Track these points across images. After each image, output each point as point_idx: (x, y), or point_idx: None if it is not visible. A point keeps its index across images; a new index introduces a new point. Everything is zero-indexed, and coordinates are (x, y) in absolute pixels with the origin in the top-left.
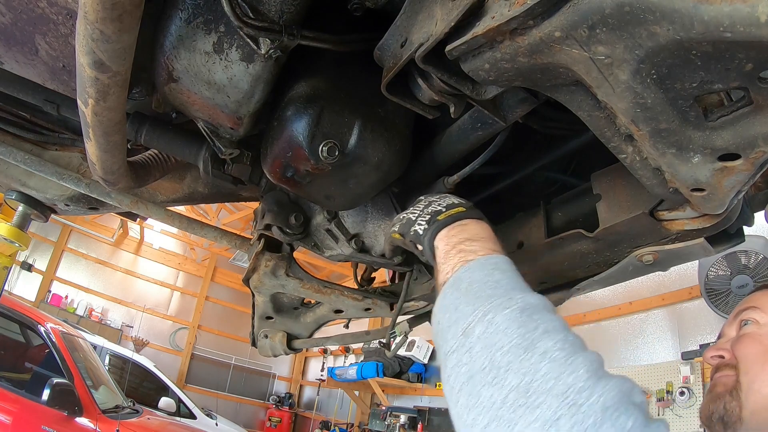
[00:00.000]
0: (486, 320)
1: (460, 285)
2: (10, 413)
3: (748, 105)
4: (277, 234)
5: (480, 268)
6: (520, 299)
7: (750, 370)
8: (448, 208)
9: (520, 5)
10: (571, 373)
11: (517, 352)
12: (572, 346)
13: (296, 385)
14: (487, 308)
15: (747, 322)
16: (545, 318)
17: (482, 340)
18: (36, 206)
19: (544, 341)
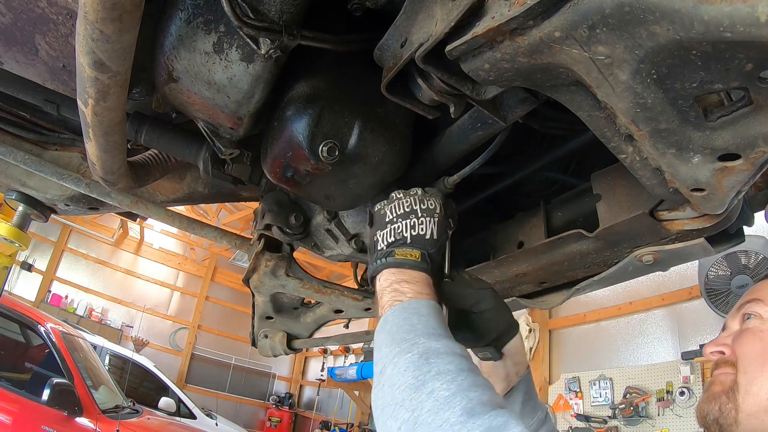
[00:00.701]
0: (393, 362)
1: (385, 326)
2: (10, 413)
3: (748, 105)
4: (277, 234)
5: (402, 312)
6: (423, 344)
7: (749, 370)
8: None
9: (520, 5)
10: (448, 410)
11: (408, 391)
12: (458, 386)
13: (296, 385)
14: (396, 352)
15: (750, 316)
16: (442, 361)
17: (389, 379)
18: (36, 206)
19: (433, 382)
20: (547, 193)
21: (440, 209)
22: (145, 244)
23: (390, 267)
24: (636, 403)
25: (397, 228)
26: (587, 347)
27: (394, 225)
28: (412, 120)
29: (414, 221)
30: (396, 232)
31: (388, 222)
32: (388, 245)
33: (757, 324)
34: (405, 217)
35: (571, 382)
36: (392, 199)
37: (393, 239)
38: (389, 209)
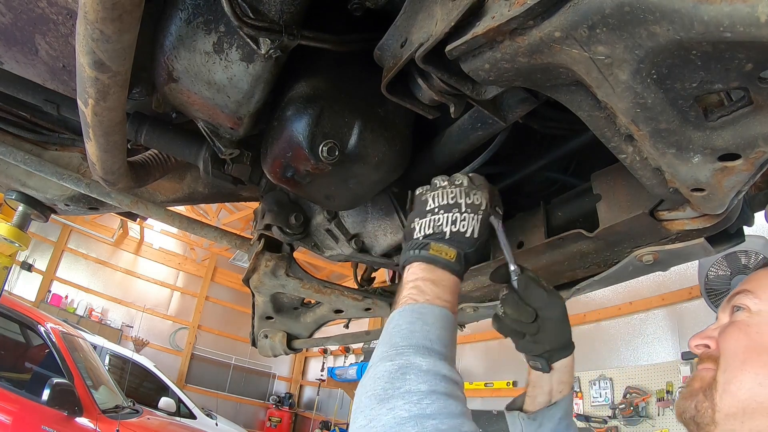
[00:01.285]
0: (375, 365)
1: (390, 323)
2: (10, 413)
3: (748, 105)
4: (277, 234)
5: (410, 314)
6: (408, 356)
7: (729, 368)
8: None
9: (520, 5)
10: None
11: (373, 400)
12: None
13: (296, 385)
14: (383, 355)
15: (739, 308)
16: (417, 379)
17: (367, 380)
18: (36, 206)
19: (397, 400)
20: (547, 193)
21: (486, 205)
22: (145, 244)
23: (421, 261)
24: (636, 403)
25: (437, 220)
26: (587, 347)
27: (434, 216)
28: (412, 120)
29: (456, 216)
30: (435, 225)
31: (429, 211)
32: (425, 236)
33: (744, 317)
34: (447, 210)
35: None
36: (435, 186)
37: (431, 231)
38: (431, 197)
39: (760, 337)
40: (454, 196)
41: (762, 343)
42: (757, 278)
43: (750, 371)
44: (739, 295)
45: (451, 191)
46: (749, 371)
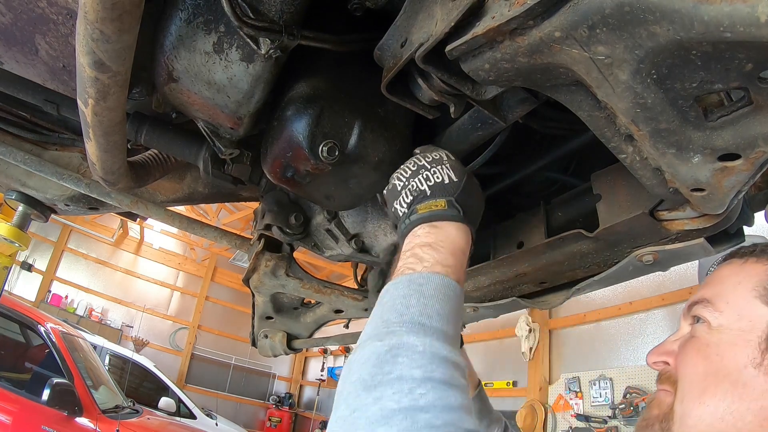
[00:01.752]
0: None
1: (383, 297)
2: (10, 413)
3: (748, 105)
4: (277, 234)
5: (405, 286)
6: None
7: (686, 397)
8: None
9: (520, 5)
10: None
11: (358, 387)
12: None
13: (296, 385)
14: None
15: (699, 320)
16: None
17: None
18: (36, 206)
19: (386, 388)
20: (547, 193)
21: (446, 157)
22: (145, 244)
23: (415, 225)
24: (636, 403)
25: (412, 187)
26: (587, 347)
27: (407, 188)
28: (412, 120)
29: (426, 174)
30: (412, 191)
31: (401, 189)
32: (408, 206)
33: (703, 334)
34: (415, 175)
35: (571, 382)
36: (395, 172)
37: (411, 198)
38: (396, 179)
39: (720, 361)
40: (414, 163)
41: (721, 368)
42: (720, 280)
43: (709, 403)
44: (699, 304)
45: (409, 163)
46: (708, 403)
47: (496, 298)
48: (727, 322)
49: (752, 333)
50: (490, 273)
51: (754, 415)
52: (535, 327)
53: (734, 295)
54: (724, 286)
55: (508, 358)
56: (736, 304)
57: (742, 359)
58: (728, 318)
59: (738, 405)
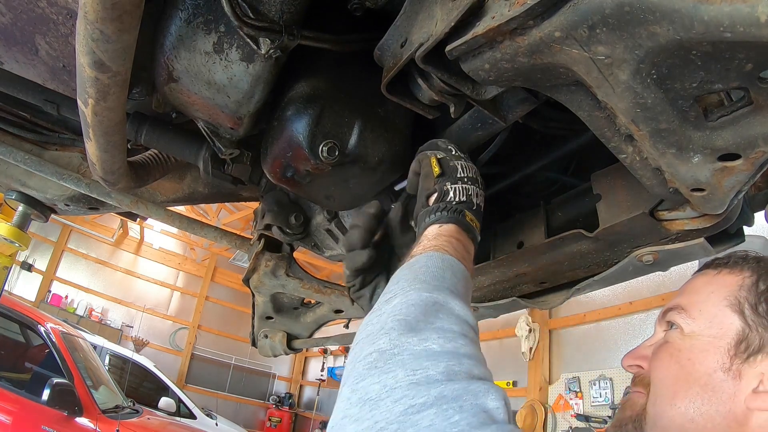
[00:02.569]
0: (404, 294)
1: (414, 265)
2: (10, 413)
3: (748, 105)
4: (277, 234)
5: (440, 260)
6: (443, 295)
7: (658, 401)
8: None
9: (520, 5)
10: (434, 363)
11: (403, 325)
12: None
13: (296, 385)
14: (414, 287)
15: (672, 326)
16: (451, 320)
17: (393, 308)
18: (36, 206)
19: (430, 333)
20: (547, 193)
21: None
22: (145, 244)
23: (458, 225)
24: None
25: (467, 190)
26: (587, 347)
27: (464, 185)
28: (412, 120)
29: (478, 191)
30: (467, 194)
31: (459, 179)
32: (458, 203)
33: (676, 339)
34: (473, 182)
35: (571, 382)
36: (453, 155)
37: (465, 199)
38: (460, 166)
39: (691, 366)
40: (473, 171)
41: (692, 372)
42: (695, 289)
43: (680, 405)
44: (673, 311)
45: (468, 164)
46: (679, 405)
47: (496, 298)
48: (699, 329)
49: (722, 340)
50: (490, 273)
51: (722, 417)
52: (535, 327)
53: (707, 304)
54: (698, 295)
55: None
56: (708, 312)
57: (712, 364)
58: (700, 325)
59: (707, 407)
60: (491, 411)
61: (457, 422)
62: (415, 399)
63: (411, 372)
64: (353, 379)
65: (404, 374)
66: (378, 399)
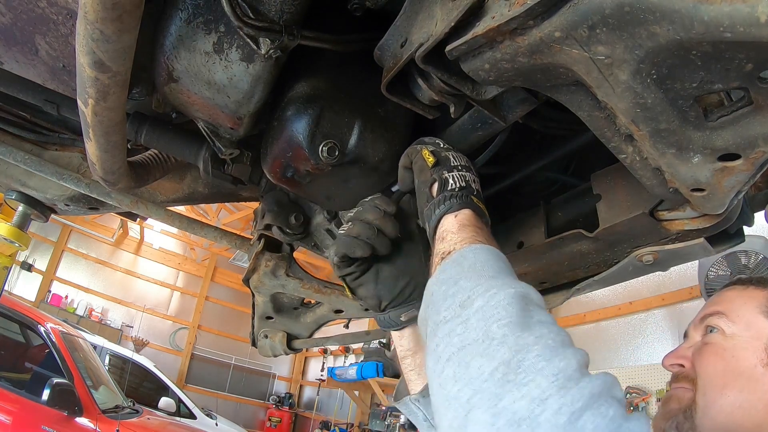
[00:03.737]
0: (488, 295)
1: (463, 262)
2: (10, 413)
3: (748, 105)
4: (277, 234)
5: (487, 251)
6: (522, 287)
7: (708, 392)
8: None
9: (520, 5)
10: (563, 359)
11: (513, 328)
12: (563, 340)
13: (296, 385)
14: (490, 284)
15: (712, 330)
16: (540, 311)
17: (480, 312)
18: (36, 206)
19: (540, 328)
20: (547, 193)
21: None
22: (145, 244)
23: (471, 209)
24: (636, 403)
25: (465, 177)
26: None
27: (460, 173)
28: (412, 120)
29: (474, 177)
30: (465, 180)
31: (454, 167)
32: (460, 188)
33: (719, 340)
34: (468, 170)
35: None
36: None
37: (464, 184)
38: (450, 155)
39: (736, 362)
40: (465, 159)
41: (737, 367)
42: (729, 299)
43: (729, 394)
44: (713, 316)
45: (458, 155)
46: (728, 394)
47: None
48: (739, 331)
49: (759, 340)
50: None
51: (763, 405)
52: None
53: (743, 311)
54: (733, 304)
55: None
56: (745, 317)
57: (753, 360)
58: (740, 328)
59: (752, 396)
60: (621, 401)
61: (613, 417)
62: (573, 404)
63: (552, 376)
64: (488, 401)
65: (546, 381)
66: (534, 416)
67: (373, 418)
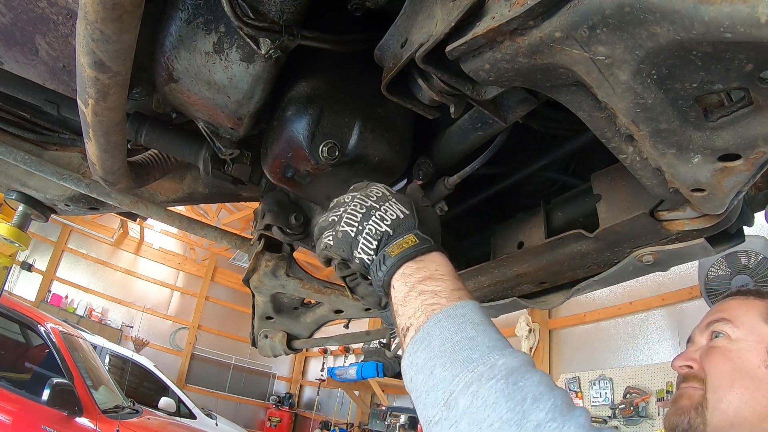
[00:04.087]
0: (470, 392)
1: (431, 342)
2: (10, 413)
3: (748, 105)
4: (277, 234)
5: (450, 322)
6: (502, 365)
7: (718, 389)
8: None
9: (521, 5)
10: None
11: (508, 428)
12: (561, 409)
13: (296, 385)
14: (469, 378)
15: (718, 335)
16: (530, 381)
17: (468, 415)
18: (36, 206)
19: (535, 413)
20: (547, 193)
21: (388, 191)
22: (145, 244)
23: (398, 266)
24: (636, 403)
25: (370, 231)
26: (587, 347)
27: (364, 233)
28: (412, 120)
29: (379, 214)
30: (373, 235)
31: (356, 235)
32: (376, 251)
33: (725, 344)
34: (368, 218)
35: (571, 382)
36: (337, 220)
37: (375, 243)
38: (345, 225)
39: (741, 363)
40: (360, 206)
41: (743, 367)
42: (732, 308)
43: (737, 391)
44: (719, 322)
45: (353, 206)
46: (736, 391)
47: (496, 298)
48: (743, 336)
49: (761, 344)
50: (490, 273)
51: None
52: (535, 327)
53: (746, 317)
54: (738, 311)
55: None
56: (748, 323)
57: (756, 361)
58: (744, 332)
59: (756, 394)
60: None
61: None
62: None
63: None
64: None
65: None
66: None
67: (373, 418)
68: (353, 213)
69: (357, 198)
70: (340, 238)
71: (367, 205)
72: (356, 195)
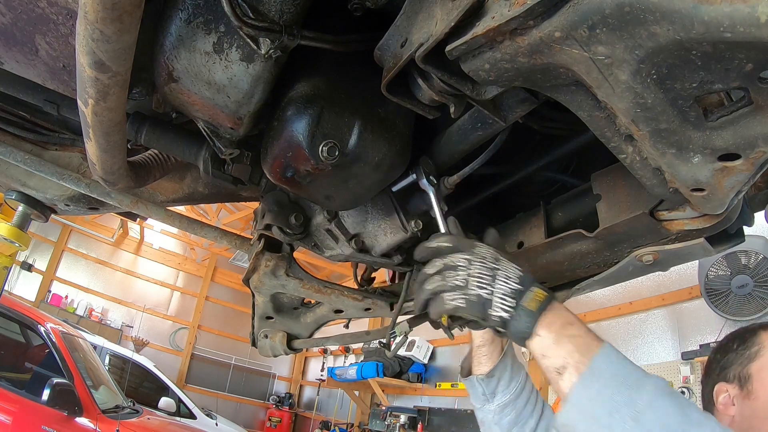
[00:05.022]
0: (651, 406)
1: (601, 376)
2: (10, 413)
3: (748, 105)
4: (277, 234)
5: (611, 355)
6: (660, 382)
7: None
8: (524, 286)
9: (520, 5)
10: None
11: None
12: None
13: (296, 385)
14: (647, 394)
15: None
16: (681, 396)
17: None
18: (36, 206)
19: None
20: (547, 193)
21: (491, 249)
22: (145, 244)
23: (537, 317)
24: None
25: (505, 291)
26: None
27: (499, 294)
28: (413, 120)
29: (505, 273)
30: (508, 294)
31: (491, 296)
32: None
33: None
34: (495, 279)
35: None
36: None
37: (513, 300)
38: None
39: None
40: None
41: None
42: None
43: None
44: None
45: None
46: None
47: None
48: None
49: None
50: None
51: None
52: None
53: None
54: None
55: None
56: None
57: None
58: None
59: None
60: None
61: None
62: None
63: None
64: None
65: None
66: None
67: (373, 418)
68: (482, 276)
69: (476, 261)
70: (474, 301)
71: (490, 267)
72: (472, 258)
